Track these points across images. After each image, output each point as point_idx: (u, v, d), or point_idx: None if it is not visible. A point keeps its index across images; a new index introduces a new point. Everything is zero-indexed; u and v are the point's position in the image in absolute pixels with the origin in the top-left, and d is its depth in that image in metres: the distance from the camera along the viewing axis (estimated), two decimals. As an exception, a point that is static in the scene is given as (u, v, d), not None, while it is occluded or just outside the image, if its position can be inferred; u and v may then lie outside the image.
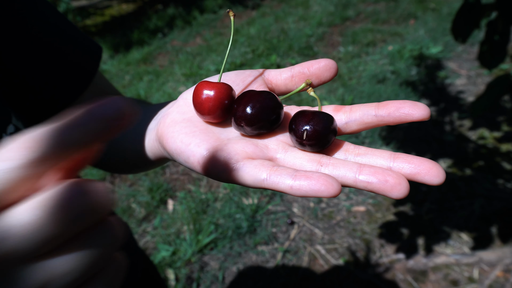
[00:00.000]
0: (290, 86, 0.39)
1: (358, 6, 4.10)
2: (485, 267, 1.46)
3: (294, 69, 0.38)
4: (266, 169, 0.30)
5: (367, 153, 0.32)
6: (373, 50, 3.18)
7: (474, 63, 2.82)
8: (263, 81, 0.39)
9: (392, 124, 0.33)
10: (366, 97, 2.50)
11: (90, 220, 0.21)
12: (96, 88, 0.53)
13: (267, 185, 0.30)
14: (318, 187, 0.28)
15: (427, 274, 1.45)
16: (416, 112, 0.31)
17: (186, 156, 0.34)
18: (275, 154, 0.34)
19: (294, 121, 0.34)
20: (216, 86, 0.35)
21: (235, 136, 0.35)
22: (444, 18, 3.52)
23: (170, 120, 0.37)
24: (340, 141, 0.34)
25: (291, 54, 3.22)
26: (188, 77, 3.06)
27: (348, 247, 1.59)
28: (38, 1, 0.46)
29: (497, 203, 1.68)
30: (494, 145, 2.00)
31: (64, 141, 0.20)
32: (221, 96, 0.35)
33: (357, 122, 0.34)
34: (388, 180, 0.28)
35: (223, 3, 4.60)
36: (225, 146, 0.33)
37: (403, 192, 0.28)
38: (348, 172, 0.30)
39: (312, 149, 0.33)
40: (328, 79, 0.37)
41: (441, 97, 2.50)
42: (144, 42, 3.88)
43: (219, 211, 1.78)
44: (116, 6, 5.22)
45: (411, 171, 0.29)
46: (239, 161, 0.31)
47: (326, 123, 0.33)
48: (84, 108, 0.20)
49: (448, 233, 1.59)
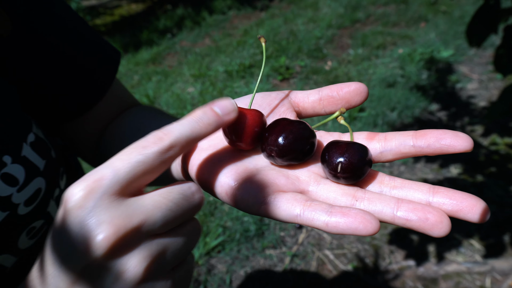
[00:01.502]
0: (318, 109, 0.37)
1: (368, 8, 4.08)
2: (497, 276, 1.43)
3: (322, 91, 0.36)
4: (299, 204, 0.29)
5: (404, 185, 0.30)
6: (383, 53, 3.16)
7: (486, 67, 2.78)
8: (290, 104, 0.37)
9: (430, 155, 0.31)
10: (376, 100, 2.48)
11: (193, 214, 0.29)
12: (112, 94, 0.52)
13: (301, 221, 0.28)
14: (356, 225, 0.26)
15: (438, 282, 1.43)
16: (458, 144, 0.29)
17: (213, 186, 0.32)
18: (307, 186, 0.32)
19: (327, 152, 0.32)
20: (249, 113, 0.34)
21: (264, 166, 0.34)
22: (455, 21, 3.48)
23: (196, 147, 0.36)
24: (374, 172, 0.33)
25: (300, 56, 3.21)
26: (197, 78, 3.06)
27: (357, 253, 1.57)
28: (56, 5, 0.45)
29: (510, 210, 1.65)
30: (506, 151, 1.97)
31: (190, 132, 0.28)
32: (254, 123, 0.34)
33: (393, 152, 0.32)
34: (429, 218, 0.27)
35: (232, 4, 4.60)
36: (254, 177, 0.31)
37: (445, 231, 0.27)
38: (385, 208, 0.28)
39: (346, 182, 0.31)
40: (358, 104, 0.35)
41: (452, 102, 2.47)
42: (153, 42, 3.89)
43: (227, 214, 1.78)
44: (125, 5, 5.25)
45: (452, 208, 0.28)
46: (270, 194, 0.30)
47: (361, 154, 0.31)
48: (204, 105, 0.30)
49: (460, 241, 1.57)
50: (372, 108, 2.41)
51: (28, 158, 0.38)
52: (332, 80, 2.82)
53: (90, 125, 0.52)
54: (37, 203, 0.39)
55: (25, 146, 0.38)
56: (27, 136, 0.39)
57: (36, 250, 0.42)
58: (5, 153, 0.36)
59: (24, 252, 0.40)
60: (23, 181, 0.37)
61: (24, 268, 0.41)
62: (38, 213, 0.39)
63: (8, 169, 0.36)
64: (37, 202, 0.39)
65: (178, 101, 2.74)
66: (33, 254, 0.42)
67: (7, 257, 0.38)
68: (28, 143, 0.38)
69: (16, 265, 0.40)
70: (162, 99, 2.81)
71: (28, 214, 0.38)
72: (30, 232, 0.40)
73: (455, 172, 1.89)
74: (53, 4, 0.45)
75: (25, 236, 0.39)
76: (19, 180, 0.37)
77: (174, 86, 2.99)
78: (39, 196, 0.39)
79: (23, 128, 0.39)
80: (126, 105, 0.56)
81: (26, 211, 0.38)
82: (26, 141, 0.38)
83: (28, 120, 0.40)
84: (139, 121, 0.51)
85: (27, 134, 0.39)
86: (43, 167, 0.40)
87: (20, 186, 0.37)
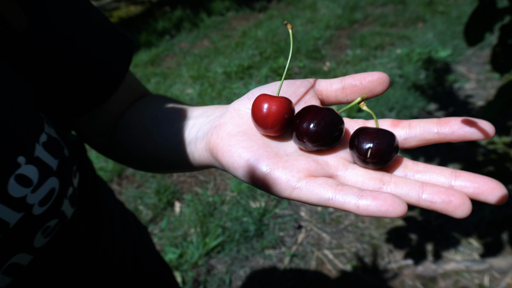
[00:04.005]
0: (341, 97, 0.38)
1: (366, 9, 4.09)
2: (496, 274, 1.43)
3: (345, 80, 0.37)
4: (331, 188, 0.30)
5: (427, 170, 0.32)
6: (381, 53, 3.17)
7: (483, 67, 2.79)
8: (314, 92, 0.39)
9: (453, 141, 0.32)
10: (374, 100, 2.49)
11: None
12: (126, 83, 0.52)
13: (332, 205, 0.29)
14: (386, 208, 0.27)
15: (437, 281, 1.44)
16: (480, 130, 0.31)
17: (245, 172, 0.33)
18: (335, 171, 0.33)
19: (356, 137, 0.33)
20: (279, 100, 0.35)
21: (293, 151, 0.35)
22: (453, 21, 3.50)
23: (224, 132, 0.36)
24: (399, 157, 0.34)
25: (298, 57, 3.22)
26: (196, 79, 3.06)
27: (356, 252, 1.58)
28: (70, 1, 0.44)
29: (508, 209, 1.65)
30: (504, 150, 1.98)
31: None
32: (284, 111, 0.35)
33: (417, 138, 0.34)
34: (452, 200, 0.28)
35: (231, 5, 4.61)
36: (285, 162, 0.32)
37: (467, 212, 0.28)
38: (411, 191, 0.30)
39: (374, 167, 0.33)
40: (380, 93, 0.36)
41: (450, 101, 2.48)
42: (152, 44, 3.89)
43: (227, 214, 1.78)
44: (124, 8, 5.26)
45: (474, 190, 0.29)
46: (302, 179, 0.31)
47: (389, 141, 0.32)
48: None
49: (458, 239, 1.57)
50: (370, 108, 2.42)
51: (41, 158, 0.38)
52: (331, 80, 2.83)
53: (105, 116, 0.52)
54: (51, 202, 0.39)
55: (38, 147, 0.38)
56: (40, 136, 0.38)
57: (51, 248, 0.43)
58: (19, 154, 0.36)
59: (40, 250, 0.41)
60: (37, 182, 0.37)
61: (39, 266, 0.42)
62: (52, 213, 0.40)
63: (22, 170, 0.36)
64: (51, 202, 0.39)
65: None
66: (48, 252, 0.42)
67: (23, 255, 0.38)
68: (41, 143, 0.38)
69: (32, 263, 0.40)
70: (161, 100, 2.82)
71: (43, 214, 0.38)
72: (45, 231, 0.40)
73: (453, 171, 1.89)
74: None
75: (40, 235, 0.39)
76: (33, 181, 0.37)
77: (173, 88, 3.00)
78: (53, 196, 0.39)
79: (36, 128, 0.38)
80: (139, 94, 0.56)
81: (40, 211, 0.38)
82: (38, 141, 0.38)
83: (40, 120, 0.40)
84: (158, 110, 0.51)
85: (39, 134, 0.39)
86: (56, 166, 0.40)
87: (34, 186, 0.37)
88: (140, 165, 0.54)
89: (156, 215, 1.85)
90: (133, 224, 0.66)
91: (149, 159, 0.51)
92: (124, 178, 2.09)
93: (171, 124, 0.47)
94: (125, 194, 1.98)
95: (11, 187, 0.34)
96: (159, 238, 1.73)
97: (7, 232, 0.35)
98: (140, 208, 1.89)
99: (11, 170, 0.35)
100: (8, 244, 0.36)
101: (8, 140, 0.35)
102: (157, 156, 0.49)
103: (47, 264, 0.43)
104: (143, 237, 0.68)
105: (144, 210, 1.87)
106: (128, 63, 0.51)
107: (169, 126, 0.47)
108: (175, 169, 0.51)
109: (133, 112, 0.53)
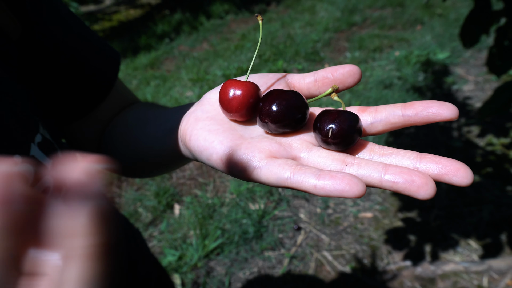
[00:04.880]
0: (313, 90, 0.38)
1: (365, 12, 4.10)
2: (494, 275, 1.44)
3: (317, 74, 0.38)
4: (290, 167, 0.30)
5: (393, 153, 0.32)
6: (380, 56, 3.18)
7: (481, 69, 2.81)
8: (286, 84, 0.39)
9: (419, 124, 0.32)
10: (373, 102, 2.49)
11: None
12: (115, 91, 0.54)
13: (290, 184, 0.29)
14: (342, 187, 0.27)
15: (436, 282, 1.44)
16: (444, 112, 0.30)
17: (208, 154, 0.34)
18: (298, 153, 0.33)
19: (319, 119, 0.33)
20: (244, 85, 0.36)
21: (258, 135, 0.35)
22: (451, 23, 3.51)
23: (193, 118, 0.37)
24: (364, 141, 0.34)
25: (297, 60, 3.23)
26: (195, 82, 3.07)
27: (355, 254, 1.58)
28: (61, 9, 0.47)
29: (506, 210, 1.66)
30: (502, 151, 1.98)
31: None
32: (249, 94, 0.35)
33: (383, 122, 0.34)
34: (415, 180, 0.28)
35: (230, 8, 4.63)
36: (248, 144, 0.33)
37: (430, 193, 0.28)
38: (374, 172, 0.30)
39: (337, 148, 0.33)
40: (351, 85, 0.37)
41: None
42: (151, 47, 3.91)
43: (226, 216, 1.78)
44: (123, 11, 5.28)
45: (438, 172, 0.29)
46: (262, 159, 0.31)
47: (351, 121, 0.32)
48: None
49: (457, 240, 1.58)
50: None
51: (36, 158, 0.39)
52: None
53: (95, 123, 0.53)
54: None
55: (33, 146, 0.39)
56: (35, 136, 0.40)
57: None
58: (15, 153, 0.37)
59: None
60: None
61: None
62: None
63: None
64: None
65: (176, 105, 2.75)
66: None
67: None
68: (36, 143, 0.40)
69: None
70: (161, 103, 2.83)
71: None
72: None
73: (452, 173, 1.90)
74: (59, 7, 0.46)
75: None
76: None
77: (172, 90, 3.01)
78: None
79: (31, 129, 0.40)
80: (128, 102, 0.57)
81: None
82: (34, 141, 0.39)
83: (35, 121, 0.41)
84: (143, 112, 0.52)
85: (35, 134, 0.40)
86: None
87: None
88: (127, 170, 0.56)
89: (156, 217, 1.85)
90: (127, 228, 0.67)
91: (133, 161, 0.52)
92: (123, 181, 2.10)
93: (151, 122, 0.48)
94: (124, 196, 1.99)
95: None
96: (159, 241, 1.73)
97: None
98: (139, 210, 1.90)
99: None
100: None
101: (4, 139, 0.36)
102: (141, 157, 0.50)
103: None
104: (137, 241, 0.68)
105: (144, 213, 1.88)
106: (117, 69, 0.53)
107: (150, 124, 0.48)
108: (159, 169, 0.52)
109: (120, 119, 0.54)
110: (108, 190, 0.20)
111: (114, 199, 1.99)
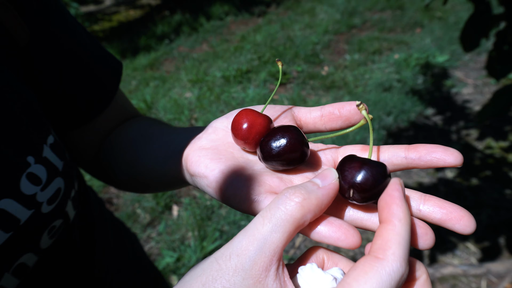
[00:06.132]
0: (319, 125, 0.38)
1: (364, 14, 4.11)
2: (493, 278, 1.44)
3: (324, 109, 0.37)
4: None
5: None
6: (379, 58, 3.18)
7: (481, 72, 2.81)
8: (292, 117, 0.39)
9: (422, 168, 0.32)
10: (372, 105, 2.50)
11: None
12: (117, 102, 0.54)
13: None
14: (338, 235, 0.27)
15: (434, 285, 1.44)
16: (448, 158, 0.30)
17: (208, 182, 0.33)
18: None
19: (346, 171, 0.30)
20: (261, 117, 0.36)
21: (261, 167, 0.35)
22: (450, 27, 3.52)
23: (197, 145, 0.37)
24: None
25: (297, 62, 3.23)
26: (194, 83, 3.07)
27: (353, 256, 1.58)
28: (67, 17, 0.47)
29: (505, 213, 1.66)
30: (501, 155, 1.99)
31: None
32: (266, 126, 0.35)
33: (385, 163, 0.33)
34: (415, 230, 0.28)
35: (230, 10, 4.63)
36: (249, 176, 0.33)
37: (429, 244, 0.28)
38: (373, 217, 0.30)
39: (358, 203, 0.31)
40: (358, 121, 0.36)
41: (447, 106, 2.49)
42: (151, 48, 3.91)
43: (224, 218, 1.78)
44: (123, 12, 5.28)
45: (441, 217, 0.29)
46: (261, 193, 0.31)
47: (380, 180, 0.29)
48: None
49: (455, 244, 1.58)
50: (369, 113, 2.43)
51: (48, 159, 0.40)
52: (329, 85, 2.84)
53: (95, 133, 0.53)
54: (58, 202, 0.41)
55: (46, 148, 0.40)
56: (47, 138, 0.40)
57: (54, 249, 0.44)
58: (29, 154, 0.38)
59: (45, 251, 0.42)
60: (45, 181, 0.39)
61: (44, 268, 0.43)
62: (58, 212, 0.41)
63: (32, 169, 0.38)
64: (57, 201, 0.41)
65: (175, 106, 2.75)
66: (52, 253, 0.44)
67: (30, 256, 0.40)
68: (48, 144, 0.40)
69: (37, 265, 0.42)
70: (160, 104, 2.83)
71: (50, 212, 0.40)
72: (51, 231, 0.41)
73: (450, 176, 1.90)
74: (65, 15, 0.47)
75: (46, 235, 0.41)
76: (42, 180, 0.38)
77: (171, 91, 3.01)
78: (59, 195, 0.41)
79: (44, 130, 0.40)
80: (128, 114, 0.57)
81: (48, 209, 0.40)
82: (46, 142, 0.40)
83: (47, 123, 0.42)
84: (145, 129, 0.52)
85: (47, 136, 0.40)
86: (62, 167, 0.42)
87: (43, 185, 0.39)
88: (123, 184, 0.55)
89: (154, 218, 1.85)
90: (123, 232, 0.67)
91: (133, 176, 0.51)
92: (122, 182, 2.09)
93: (154, 141, 0.48)
94: (123, 197, 1.98)
95: (23, 184, 0.36)
96: (157, 242, 1.73)
97: (18, 229, 0.36)
98: (138, 211, 1.89)
99: (22, 168, 0.37)
100: (18, 242, 0.37)
101: (19, 140, 0.37)
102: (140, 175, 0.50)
103: (49, 267, 0.44)
104: (134, 244, 0.69)
105: (142, 214, 1.87)
106: (118, 81, 0.53)
107: (153, 143, 0.48)
108: (158, 188, 0.52)
109: (121, 131, 0.54)
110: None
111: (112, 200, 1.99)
